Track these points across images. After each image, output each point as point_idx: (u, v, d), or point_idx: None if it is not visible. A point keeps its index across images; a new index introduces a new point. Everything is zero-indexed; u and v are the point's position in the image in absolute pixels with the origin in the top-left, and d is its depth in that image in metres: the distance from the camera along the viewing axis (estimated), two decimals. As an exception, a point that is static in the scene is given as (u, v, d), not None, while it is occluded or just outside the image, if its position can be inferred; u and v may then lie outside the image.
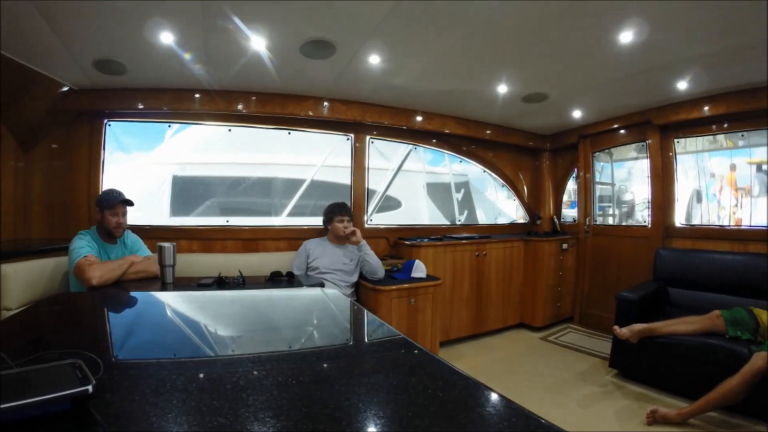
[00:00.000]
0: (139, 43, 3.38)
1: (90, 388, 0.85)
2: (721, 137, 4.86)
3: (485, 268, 5.33)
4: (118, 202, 3.23)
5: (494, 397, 0.96)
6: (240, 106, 4.49)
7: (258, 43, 3.41)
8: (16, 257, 3.25)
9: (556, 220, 6.42)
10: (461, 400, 0.98)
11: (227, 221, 4.72)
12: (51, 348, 1.24)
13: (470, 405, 0.96)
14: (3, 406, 0.78)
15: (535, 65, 3.84)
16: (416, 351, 1.28)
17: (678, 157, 5.06)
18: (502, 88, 4.37)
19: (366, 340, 1.61)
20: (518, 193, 6.56)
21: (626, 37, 3.15)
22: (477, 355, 4.76)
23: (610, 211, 6.07)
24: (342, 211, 4.28)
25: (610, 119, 5.48)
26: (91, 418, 0.85)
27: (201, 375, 1.12)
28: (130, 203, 3.34)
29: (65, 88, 4.10)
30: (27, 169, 4.21)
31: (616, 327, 3.86)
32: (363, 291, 4.23)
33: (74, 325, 1.83)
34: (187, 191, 5.03)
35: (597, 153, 5.93)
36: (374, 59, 3.70)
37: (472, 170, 6.30)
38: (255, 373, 1.13)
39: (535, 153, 6.66)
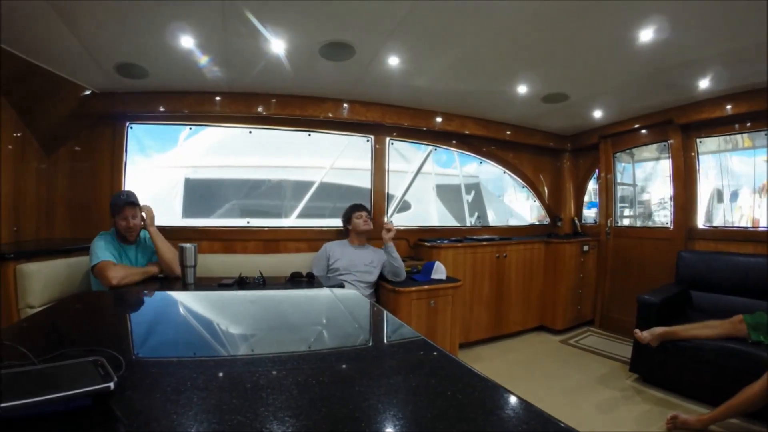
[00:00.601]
0: (160, 47, 3.43)
1: (111, 385, 0.86)
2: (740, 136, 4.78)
3: (505, 269, 5.29)
4: (123, 204, 3.23)
5: (513, 399, 0.95)
6: (260, 108, 4.53)
7: (277, 45, 3.43)
8: (39, 256, 3.32)
9: (577, 221, 6.37)
10: (480, 402, 0.97)
11: (248, 222, 4.77)
12: (73, 345, 1.25)
13: (489, 407, 0.95)
14: (26, 401, 0.80)
15: (555, 65, 3.80)
16: (436, 353, 1.27)
17: (700, 156, 4.98)
18: (522, 89, 4.35)
19: (386, 341, 1.61)
20: (539, 195, 6.51)
21: (647, 35, 3.11)
22: (496, 358, 4.73)
23: (632, 213, 5.99)
24: (360, 208, 4.32)
25: (632, 119, 5.41)
26: (112, 414, 0.86)
27: (221, 374, 1.13)
28: (136, 203, 3.33)
29: (88, 92, 4.18)
30: (50, 171, 4.32)
31: (636, 330, 3.81)
32: (383, 292, 4.22)
33: (96, 323, 1.85)
34: (208, 193, 5.08)
35: (618, 153, 5.86)
36: (393, 60, 3.70)
37: (491, 172, 6.27)
38: (275, 372, 1.13)
39: (555, 154, 6.60)
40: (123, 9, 2.89)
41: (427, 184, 5.81)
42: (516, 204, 6.67)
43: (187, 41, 3.34)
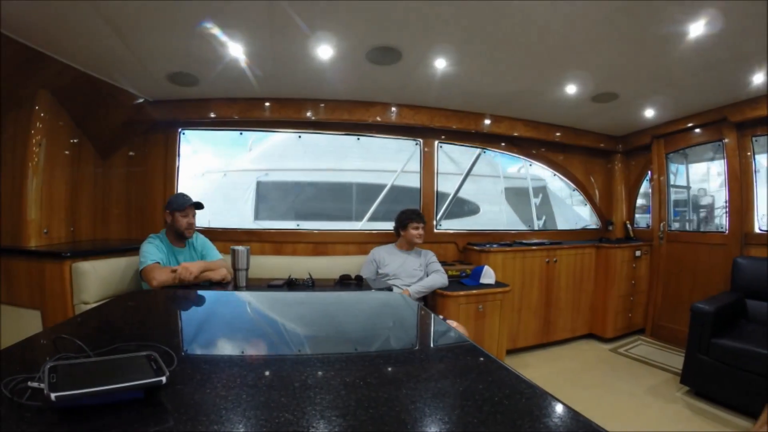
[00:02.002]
0: (210, 55, 3.53)
1: (163, 379, 0.89)
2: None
3: (555, 275, 5.19)
4: (188, 204, 3.36)
5: (561, 408, 0.93)
6: (309, 113, 4.59)
7: (325, 51, 3.47)
8: (94, 255, 3.48)
9: (629, 225, 6.18)
10: (528, 409, 0.96)
11: (298, 225, 4.84)
12: (127, 340, 1.28)
13: (536, 415, 0.94)
14: (80, 391, 0.82)
15: (604, 63, 3.71)
16: (484, 358, 1.26)
17: (756, 156, 4.74)
18: (571, 88, 4.27)
19: (434, 344, 1.60)
20: (589, 198, 6.36)
21: (697, 28, 3.00)
22: (543, 365, 4.66)
23: (686, 216, 5.80)
24: (418, 218, 4.25)
25: (684, 118, 5.22)
26: (162, 407, 0.88)
27: (270, 372, 1.14)
28: (200, 206, 3.47)
29: (141, 100, 4.34)
30: (105, 175, 4.55)
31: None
32: (431, 296, 4.19)
33: (148, 319, 1.91)
34: (267, 197, 5.20)
35: (671, 154, 5.67)
36: (440, 63, 3.69)
37: (542, 174, 6.19)
38: (323, 372, 1.14)
39: (606, 155, 6.42)
40: (173, 20, 3.00)
41: (495, 187, 5.77)
42: (570, 207, 6.56)
43: (235, 49, 3.43)
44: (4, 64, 3.31)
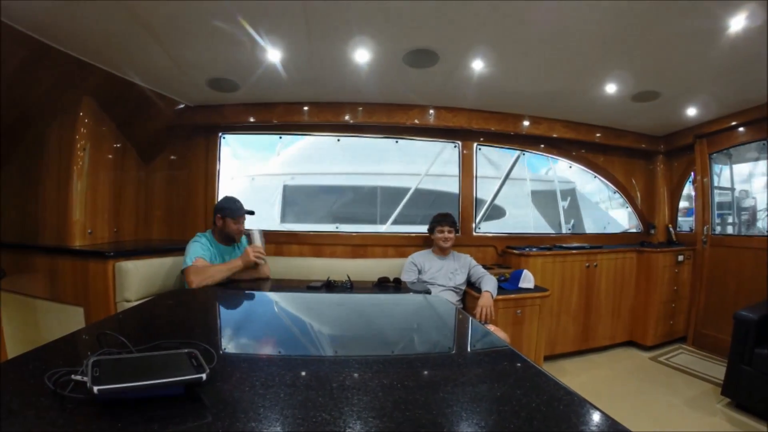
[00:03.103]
0: (249, 61, 3.60)
1: (204, 376, 0.90)
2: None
3: (595, 280, 5.09)
4: (243, 213, 3.44)
5: (599, 416, 0.92)
6: (347, 117, 4.62)
7: (362, 55, 3.50)
8: (136, 255, 3.58)
9: (671, 229, 6.02)
10: (565, 416, 0.94)
11: (336, 227, 4.88)
12: (168, 338, 1.30)
13: (574, 422, 0.92)
14: (122, 385, 0.84)
15: (644, 60, 3.62)
16: (522, 363, 1.25)
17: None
18: (611, 88, 4.19)
19: (471, 348, 1.59)
20: (631, 200, 6.21)
21: (738, 22, 2.91)
22: (581, 373, 4.57)
23: (730, 219, 5.62)
24: (443, 221, 4.22)
25: (728, 116, 5.04)
26: (201, 403, 0.89)
27: (308, 372, 1.15)
28: (252, 213, 3.56)
29: (182, 106, 4.46)
30: (148, 178, 4.71)
31: None
32: (469, 299, 4.16)
33: (188, 318, 1.95)
34: (294, 200, 5.24)
35: (714, 154, 5.49)
36: (477, 65, 3.67)
37: (573, 176, 6.09)
38: (361, 374, 1.14)
39: (648, 156, 6.25)
40: (212, 27, 3.07)
41: (522, 189, 5.73)
42: (611, 211, 6.44)
43: (274, 54, 3.49)
44: (50, 72, 3.46)
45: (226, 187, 4.83)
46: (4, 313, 2.47)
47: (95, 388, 0.80)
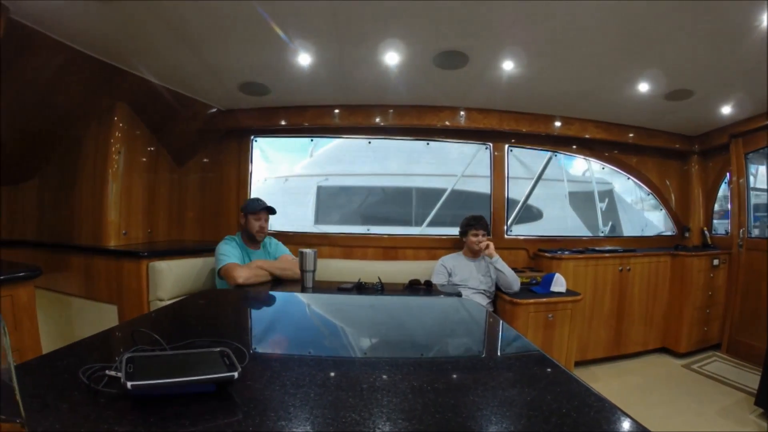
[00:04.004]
0: (280, 65, 3.66)
1: (236, 374, 0.91)
2: None
3: (628, 284, 4.99)
4: (261, 208, 3.48)
5: (629, 423, 0.90)
6: (378, 119, 4.65)
7: (392, 57, 3.52)
8: (169, 256, 3.68)
9: (706, 232, 5.86)
10: (596, 423, 0.92)
11: (368, 230, 4.90)
12: (200, 336, 1.33)
13: (604, 429, 0.90)
14: (155, 381, 0.86)
15: (677, 58, 3.56)
16: (553, 368, 1.23)
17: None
18: (643, 86, 4.12)
19: (502, 352, 1.58)
20: (665, 202, 6.08)
21: None
22: (612, 379, 4.50)
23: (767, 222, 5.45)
24: (477, 224, 4.20)
25: (764, 114, 4.84)
26: (232, 401, 0.90)
27: (339, 373, 1.16)
28: (273, 211, 3.58)
29: (213, 110, 4.53)
30: (181, 181, 4.81)
31: None
32: (500, 303, 4.15)
33: (220, 317, 1.97)
34: (330, 201, 5.29)
35: (750, 154, 5.30)
36: (507, 65, 3.67)
37: (610, 177, 5.98)
38: (391, 376, 1.14)
39: (682, 157, 6.08)
40: (243, 32, 3.13)
41: (559, 191, 5.67)
42: (644, 213, 6.31)
43: (304, 58, 3.54)
44: (85, 79, 3.57)
45: (258, 190, 4.91)
46: (40, 310, 2.54)
47: (128, 384, 0.82)
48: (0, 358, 0.46)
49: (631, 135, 5.42)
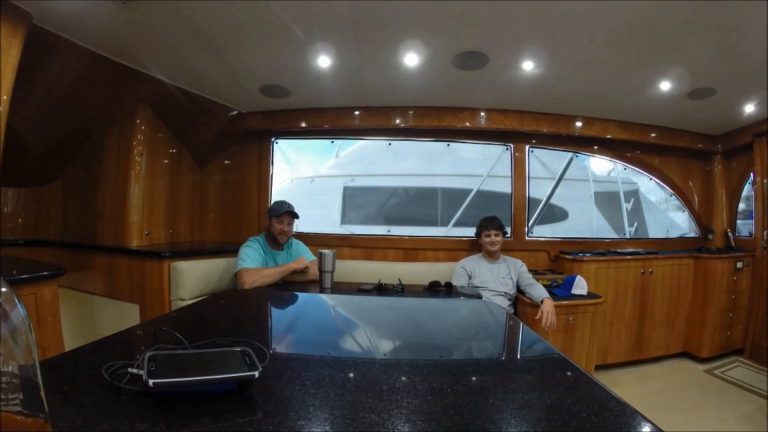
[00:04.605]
0: (300, 68, 3.68)
1: (256, 373, 0.92)
2: None
3: (650, 287, 4.91)
4: (284, 211, 3.49)
5: (649, 428, 0.89)
6: (398, 120, 4.65)
7: (411, 59, 3.52)
8: (191, 256, 3.72)
9: (730, 234, 5.74)
10: (616, 428, 0.92)
11: (388, 231, 4.90)
12: (220, 336, 1.34)
13: (624, 434, 0.90)
14: (177, 380, 0.87)
15: (699, 56, 3.51)
16: (573, 371, 1.23)
17: None
18: (665, 85, 4.06)
19: (522, 354, 1.58)
20: (688, 203, 5.96)
21: None
22: (633, 384, 4.43)
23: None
24: (489, 225, 4.18)
25: None
26: (253, 400, 0.92)
27: (358, 374, 1.16)
28: (296, 215, 3.59)
29: (234, 112, 4.59)
30: (203, 182, 4.88)
31: None
32: (520, 305, 4.12)
33: (241, 317, 2.01)
34: (353, 202, 5.31)
35: (773, 152, 5.20)
36: (527, 65, 3.65)
37: (634, 177, 5.91)
38: (410, 377, 1.15)
39: (705, 157, 5.95)
40: (263, 35, 3.16)
41: (584, 191, 5.60)
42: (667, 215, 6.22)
43: (324, 60, 3.55)
44: (108, 83, 3.64)
45: (282, 190, 4.95)
46: (63, 308, 2.58)
47: (150, 381, 0.83)
48: (25, 355, 0.47)
49: (653, 135, 5.34)
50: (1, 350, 0.44)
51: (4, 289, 0.48)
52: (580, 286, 4.12)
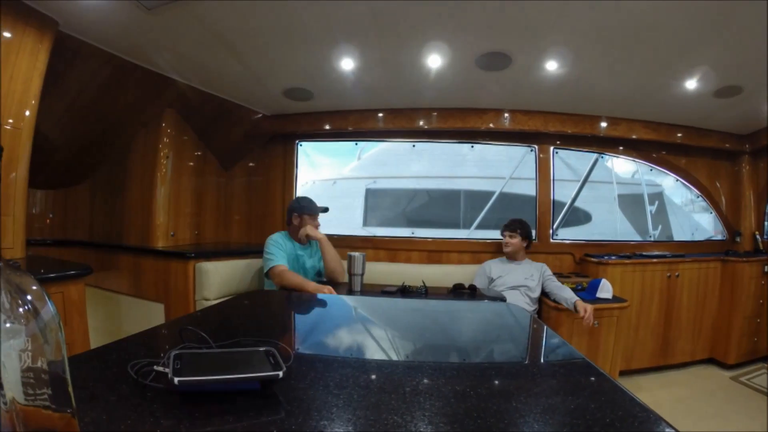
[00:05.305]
0: (324, 71, 3.72)
1: (280, 373, 0.92)
2: None
3: (676, 291, 4.83)
4: (319, 211, 3.53)
5: (674, 436, 0.88)
6: (421, 122, 4.65)
7: (434, 60, 3.52)
8: (216, 257, 3.77)
9: (758, 236, 5.61)
10: (639, 434, 0.90)
11: (412, 233, 4.90)
12: (244, 335, 1.36)
13: (649, 441, 0.89)
14: (201, 378, 0.89)
15: (724, 53, 3.45)
16: (597, 376, 1.21)
17: None
18: (691, 84, 3.99)
19: (546, 358, 1.56)
20: (715, 205, 5.83)
21: None
22: (657, 390, 4.36)
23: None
24: (504, 227, 4.23)
25: None
26: (276, 399, 0.92)
27: (382, 376, 1.16)
28: (326, 210, 3.62)
29: (259, 115, 4.64)
30: (227, 184, 4.96)
31: None
32: (544, 308, 4.10)
33: (265, 318, 2.01)
34: (377, 203, 5.33)
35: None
36: (551, 65, 3.63)
37: (658, 179, 5.83)
38: (433, 380, 1.14)
39: (732, 157, 5.79)
40: (286, 39, 3.18)
41: (607, 194, 5.55)
42: (694, 217, 6.11)
43: (347, 63, 3.57)
44: (134, 87, 3.72)
45: (302, 193, 4.96)
46: (90, 307, 2.62)
47: (176, 379, 0.84)
48: (55, 351, 0.48)
49: (679, 135, 5.22)
50: (31, 346, 0.45)
51: (34, 287, 0.48)
52: (606, 290, 4.06)
